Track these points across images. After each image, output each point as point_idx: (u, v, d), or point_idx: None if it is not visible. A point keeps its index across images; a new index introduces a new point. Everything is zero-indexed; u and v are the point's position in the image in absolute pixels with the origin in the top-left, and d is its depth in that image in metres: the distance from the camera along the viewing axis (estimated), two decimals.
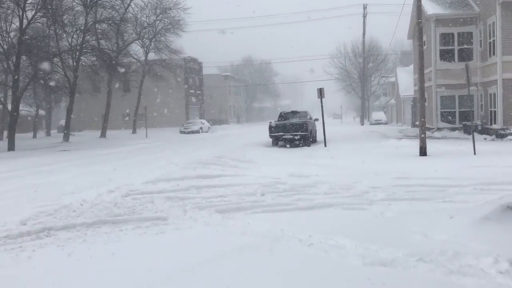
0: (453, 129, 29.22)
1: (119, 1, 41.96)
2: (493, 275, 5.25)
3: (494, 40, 26.28)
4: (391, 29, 67.22)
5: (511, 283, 4.99)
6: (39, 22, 33.97)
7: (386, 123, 58.41)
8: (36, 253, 6.64)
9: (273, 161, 17.36)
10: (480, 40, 28.57)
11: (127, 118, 61.44)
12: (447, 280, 5.16)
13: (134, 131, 50.54)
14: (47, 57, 33.43)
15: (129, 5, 45.07)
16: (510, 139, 24.20)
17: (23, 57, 32.44)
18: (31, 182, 13.58)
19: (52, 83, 35.87)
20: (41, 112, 53.43)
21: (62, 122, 51.19)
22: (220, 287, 5.17)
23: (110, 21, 40.00)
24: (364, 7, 58.31)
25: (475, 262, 5.62)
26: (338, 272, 5.56)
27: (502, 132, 25.25)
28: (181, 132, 48.28)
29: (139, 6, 48.61)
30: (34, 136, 47.29)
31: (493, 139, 24.82)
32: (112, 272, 5.69)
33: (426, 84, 23.42)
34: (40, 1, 30.91)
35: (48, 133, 51.41)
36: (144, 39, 50.30)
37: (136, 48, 51.34)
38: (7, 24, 33.35)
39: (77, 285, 5.33)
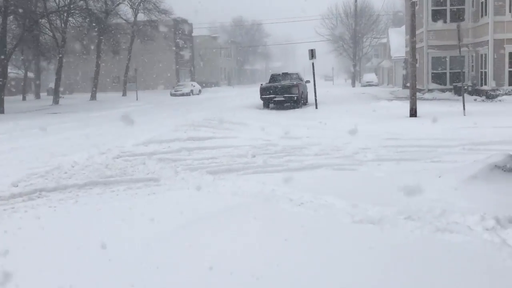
0: (444, 90, 29.24)
1: None
2: (479, 232, 5.37)
3: (486, 0, 26.06)
4: None
5: (496, 240, 5.11)
6: None
7: (377, 85, 58.30)
8: (28, 214, 6.69)
9: (264, 123, 17.35)
10: (472, 0, 28.32)
11: (117, 81, 60.87)
12: (434, 237, 5.27)
13: (124, 94, 50.14)
14: (34, 18, 32.80)
15: None
16: (500, 100, 24.31)
17: (10, 18, 31.80)
18: (22, 145, 13.54)
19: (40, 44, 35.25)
20: (30, 74, 52.75)
21: (52, 84, 50.52)
22: (212, 242, 5.25)
23: None
24: None
25: (462, 219, 5.73)
26: (327, 229, 5.67)
27: (492, 93, 25.33)
28: (172, 94, 47.97)
29: None
30: (24, 99, 46.82)
31: (483, 100, 24.92)
32: (104, 232, 5.75)
33: (417, 45, 23.35)
34: None
35: (37, 96, 50.87)
36: None
37: (125, 9, 50.44)
38: None
39: (69, 245, 5.39)
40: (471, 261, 4.64)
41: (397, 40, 50.73)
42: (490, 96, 25.24)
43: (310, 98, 26.99)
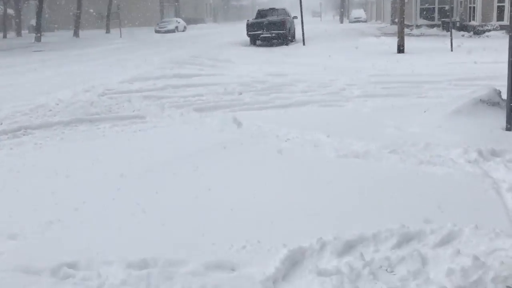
0: (432, 26, 29.00)
1: None
2: (462, 164, 5.47)
3: None
4: None
5: (478, 171, 5.22)
6: None
7: (365, 21, 57.58)
8: (13, 151, 6.67)
9: (251, 60, 17.21)
10: None
11: (100, 18, 59.32)
12: (418, 169, 5.37)
13: (107, 31, 49.01)
14: None
15: None
16: (488, 36, 24.19)
17: None
18: (5, 83, 13.31)
19: None
20: (10, 11, 51.19)
21: (33, 21, 49.23)
22: (199, 176, 5.30)
23: None
24: None
25: (445, 152, 5.83)
26: (313, 162, 5.74)
27: (480, 28, 25.17)
28: (156, 31, 46.99)
29: None
30: (4, 37, 45.67)
31: (470, 36, 24.78)
32: (90, 167, 5.77)
33: None
34: None
35: (18, 33, 49.58)
36: None
37: None
38: None
39: (55, 179, 5.41)
40: (453, 191, 4.75)
41: None
42: (477, 31, 25.07)
43: (298, 34, 26.64)
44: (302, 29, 24.33)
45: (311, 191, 4.83)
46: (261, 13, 27.30)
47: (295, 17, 27.13)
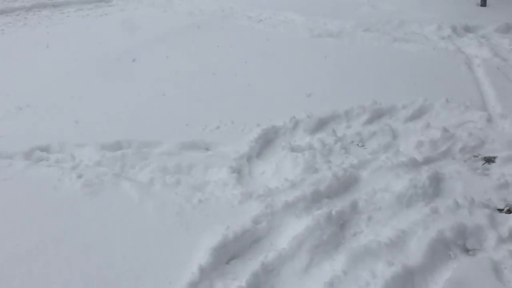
0: None
1: None
2: (435, 40, 5.44)
3: None
4: None
5: (450, 47, 5.21)
6: None
7: None
8: None
9: None
10: None
11: None
12: (392, 47, 5.33)
13: None
14: None
15: None
16: None
17: None
18: None
19: None
20: None
21: None
22: (169, 59, 5.17)
23: None
24: None
25: (420, 29, 5.77)
26: (287, 43, 5.64)
27: None
28: None
29: None
30: None
31: None
32: (56, 52, 5.57)
33: None
34: None
35: None
36: None
37: None
38: None
39: (19, 64, 5.22)
40: (426, 68, 4.74)
41: None
42: None
43: None
44: None
45: (285, 71, 4.78)
46: None
47: None
